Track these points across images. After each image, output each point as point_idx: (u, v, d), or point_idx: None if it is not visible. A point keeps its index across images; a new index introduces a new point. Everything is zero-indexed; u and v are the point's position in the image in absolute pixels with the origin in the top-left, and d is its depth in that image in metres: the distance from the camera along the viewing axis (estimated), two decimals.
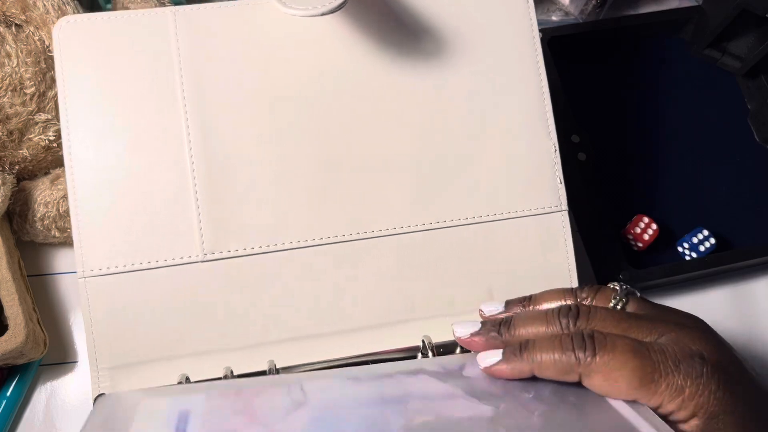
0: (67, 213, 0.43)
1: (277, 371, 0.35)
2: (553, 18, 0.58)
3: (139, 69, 0.37)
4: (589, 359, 0.28)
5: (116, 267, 0.36)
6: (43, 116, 0.43)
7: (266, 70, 0.38)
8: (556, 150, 0.40)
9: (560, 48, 0.54)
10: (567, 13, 0.58)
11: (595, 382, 0.28)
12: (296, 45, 0.39)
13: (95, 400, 0.34)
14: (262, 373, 0.35)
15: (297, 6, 0.34)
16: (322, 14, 0.34)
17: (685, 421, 0.28)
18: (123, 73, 0.37)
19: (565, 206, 0.40)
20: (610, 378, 0.28)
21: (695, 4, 0.59)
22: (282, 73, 0.38)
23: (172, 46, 0.37)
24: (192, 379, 0.35)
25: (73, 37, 0.37)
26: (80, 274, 0.35)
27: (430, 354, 0.36)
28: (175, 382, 0.35)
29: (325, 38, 0.39)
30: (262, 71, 0.38)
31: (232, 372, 0.35)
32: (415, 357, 0.37)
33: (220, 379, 0.35)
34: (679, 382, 0.27)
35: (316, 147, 0.38)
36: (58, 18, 0.42)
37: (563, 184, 0.40)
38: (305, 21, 0.38)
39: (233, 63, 0.38)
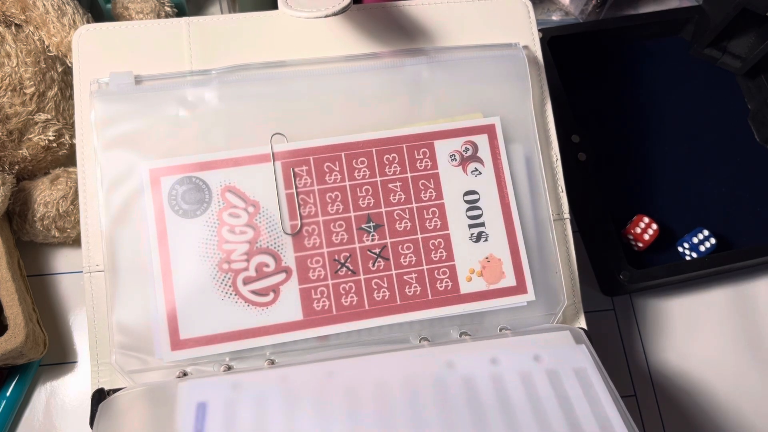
0: (66, 213, 0.43)
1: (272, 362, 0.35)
2: (554, 18, 0.58)
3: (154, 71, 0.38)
4: None
5: None
6: (42, 116, 0.43)
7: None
8: (557, 159, 0.40)
9: (560, 48, 0.54)
10: (567, 13, 0.58)
11: None
12: (300, 45, 0.40)
13: (93, 394, 0.35)
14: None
15: (302, 8, 0.36)
16: (326, 16, 0.35)
17: None
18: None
19: (567, 215, 0.40)
20: None
21: (695, 3, 0.59)
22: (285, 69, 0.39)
23: (184, 48, 0.39)
24: (190, 375, 0.35)
25: (92, 45, 0.38)
26: (86, 269, 0.36)
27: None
28: (174, 377, 0.35)
29: (328, 39, 0.40)
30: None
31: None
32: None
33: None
34: None
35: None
36: (57, 18, 0.42)
37: (564, 192, 0.40)
38: (309, 23, 0.40)
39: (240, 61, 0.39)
